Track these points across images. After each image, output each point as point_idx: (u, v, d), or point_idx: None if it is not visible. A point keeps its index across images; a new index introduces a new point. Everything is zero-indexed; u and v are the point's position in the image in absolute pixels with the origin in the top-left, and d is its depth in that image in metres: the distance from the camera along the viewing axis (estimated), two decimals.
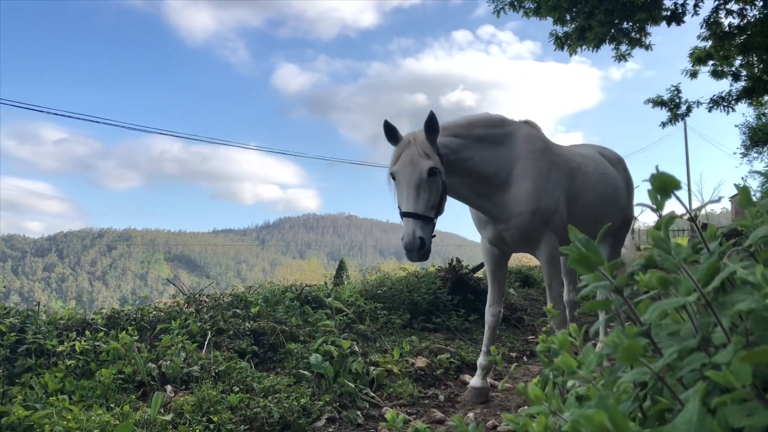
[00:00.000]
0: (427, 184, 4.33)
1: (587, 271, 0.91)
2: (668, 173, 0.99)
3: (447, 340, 7.59)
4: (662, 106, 15.87)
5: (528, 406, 2.31)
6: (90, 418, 3.73)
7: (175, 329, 5.59)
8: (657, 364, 0.79)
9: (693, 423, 0.61)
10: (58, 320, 5.58)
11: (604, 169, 5.81)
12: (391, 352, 6.39)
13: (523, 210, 4.78)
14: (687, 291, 0.89)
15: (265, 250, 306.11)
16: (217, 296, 6.96)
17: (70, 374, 4.63)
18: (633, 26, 12.65)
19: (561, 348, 1.28)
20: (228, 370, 4.92)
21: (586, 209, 5.31)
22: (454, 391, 5.82)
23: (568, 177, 5.17)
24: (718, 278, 0.82)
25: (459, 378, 6.20)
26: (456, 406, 5.40)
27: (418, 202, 4.30)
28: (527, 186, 4.81)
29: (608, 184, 5.72)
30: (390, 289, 8.74)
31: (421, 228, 4.25)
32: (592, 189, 5.43)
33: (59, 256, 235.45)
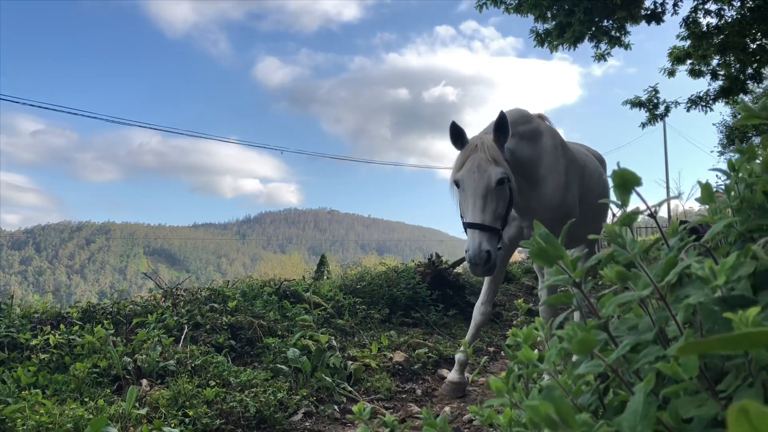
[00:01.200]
0: (495, 192, 4.08)
1: (547, 265, 0.92)
2: (629, 169, 1.01)
3: (425, 334, 7.62)
4: (640, 107, 16.02)
5: None
6: (63, 413, 3.70)
7: (151, 323, 5.56)
8: (611, 357, 0.81)
9: (639, 413, 0.63)
10: (32, 314, 5.53)
11: (598, 168, 5.87)
12: (370, 346, 6.40)
13: (549, 206, 4.70)
14: (644, 285, 0.91)
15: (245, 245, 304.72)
16: (195, 290, 6.93)
17: (44, 368, 4.58)
18: (613, 25, 12.76)
19: (525, 341, 1.30)
20: (204, 365, 4.90)
21: (587, 207, 5.28)
22: (432, 385, 5.85)
23: (579, 174, 5.16)
24: (672, 272, 0.83)
25: (437, 372, 6.23)
26: (433, 400, 5.43)
27: (485, 213, 4.04)
28: (554, 182, 4.72)
29: (602, 183, 5.77)
30: (369, 284, 8.75)
31: (487, 240, 4.00)
32: (594, 187, 5.45)
33: (36, 249, 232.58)
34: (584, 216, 5.21)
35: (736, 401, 0.73)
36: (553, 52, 13.10)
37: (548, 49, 12.92)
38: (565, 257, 0.92)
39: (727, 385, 0.77)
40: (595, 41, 13.08)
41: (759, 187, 1.10)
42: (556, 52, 13.14)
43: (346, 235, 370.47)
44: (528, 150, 4.63)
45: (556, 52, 12.97)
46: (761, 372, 0.75)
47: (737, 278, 0.74)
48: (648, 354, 0.86)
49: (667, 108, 16.31)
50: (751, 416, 0.36)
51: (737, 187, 1.12)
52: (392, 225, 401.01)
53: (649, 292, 0.82)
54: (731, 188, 1.13)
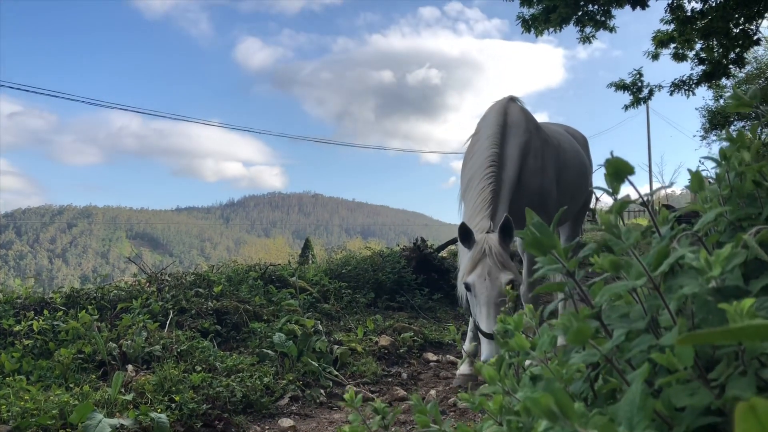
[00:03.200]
0: (508, 298, 4.18)
1: (541, 254, 0.92)
2: (622, 158, 1.01)
3: (411, 318, 7.65)
4: (624, 89, 16.06)
5: None
6: (48, 399, 3.68)
7: (136, 308, 5.54)
8: (606, 346, 0.81)
9: (635, 404, 0.63)
10: (15, 299, 5.48)
11: (576, 147, 5.88)
12: (355, 330, 6.42)
13: (525, 193, 4.79)
14: (637, 275, 0.91)
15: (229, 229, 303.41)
16: (180, 275, 6.90)
17: (28, 354, 4.55)
18: (597, 9, 12.76)
19: (516, 329, 1.30)
20: (190, 350, 4.89)
21: (565, 186, 5.33)
22: (417, 369, 5.88)
23: (555, 154, 5.20)
24: (665, 263, 0.84)
25: (422, 356, 6.27)
26: (419, 384, 5.46)
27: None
28: (528, 168, 4.83)
29: (581, 163, 5.79)
30: (355, 268, 8.76)
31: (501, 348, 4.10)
32: (571, 166, 5.48)
33: (17, 233, 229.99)
34: (563, 195, 5.24)
35: (729, 390, 0.73)
36: (539, 37, 13.09)
37: (534, 34, 12.90)
38: (557, 247, 0.92)
39: (719, 374, 0.78)
40: (580, 25, 13.08)
41: (749, 175, 1.10)
42: (542, 36, 13.13)
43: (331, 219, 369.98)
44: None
45: (541, 36, 12.96)
46: (753, 361, 0.76)
47: (731, 269, 0.74)
48: (641, 343, 0.87)
49: (651, 91, 16.37)
50: (759, 413, 0.36)
51: (727, 175, 1.12)
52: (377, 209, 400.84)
53: (643, 282, 0.83)
54: (722, 177, 1.13)
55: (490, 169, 4.64)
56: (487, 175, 4.62)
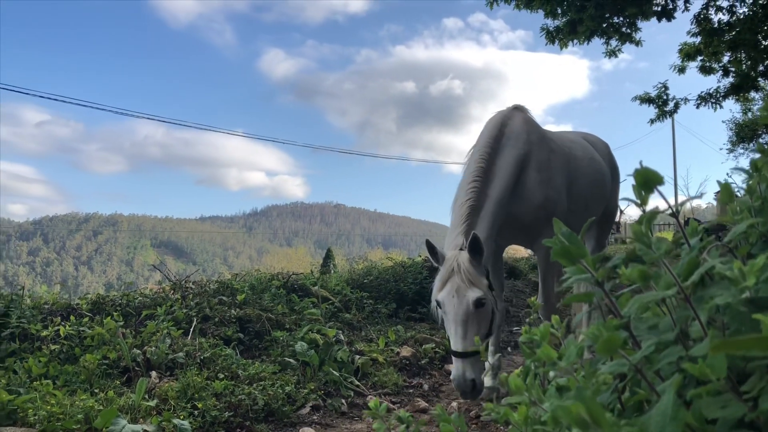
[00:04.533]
0: (475, 316, 4.05)
1: (569, 264, 0.92)
2: (651, 168, 1.01)
3: (432, 330, 7.62)
4: (650, 103, 15.95)
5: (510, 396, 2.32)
6: (74, 403, 3.73)
7: (160, 315, 5.59)
8: (635, 356, 0.81)
9: (667, 414, 0.63)
10: (42, 305, 5.56)
11: (591, 155, 5.71)
12: (377, 341, 6.41)
13: (531, 207, 4.70)
14: (666, 285, 0.90)
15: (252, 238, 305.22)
16: (204, 283, 6.95)
17: (54, 359, 4.61)
18: (623, 21, 12.70)
19: (542, 339, 1.29)
20: (213, 357, 4.92)
21: (578, 197, 5.21)
22: (439, 380, 5.86)
23: (564, 163, 5.07)
24: (696, 273, 0.83)
25: (444, 368, 6.24)
26: (440, 395, 5.44)
27: (467, 339, 4.00)
28: (532, 180, 4.73)
29: (596, 170, 5.63)
30: (377, 278, 8.75)
31: (471, 366, 3.98)
32: (583, 175, 5.33)
33: (44, 240, 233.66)
34: (575, 206, 5.11)
35: (762, 403, 0.72)
36: (563, 49, 13.06)
37: (559, 46, 12.86)
38: (587, 256, 0.92)
39: (752, 386, 0.77)
40: (605, 37, 13.02)
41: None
42: (566, 48, 13.09)
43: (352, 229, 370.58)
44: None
45: (566, 48, 12.93)
46: None
47: (765, 279, 0.74)
48: (670, 354, 0.86)
49: (677, 104, 16.25)
50: None
51: (759, 187, 1.11)
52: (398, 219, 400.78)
53: (673, 292, 0.82)
54: (753, 188, 1.12)
55: (472, 184, 4.53)
56: (468, 190, 4.52)
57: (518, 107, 5.21)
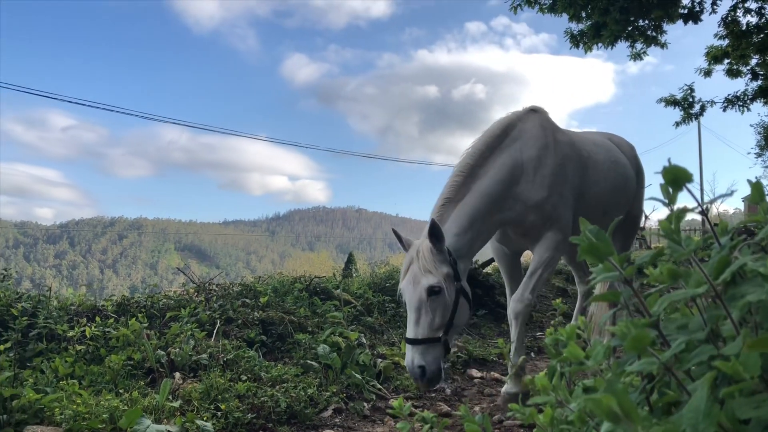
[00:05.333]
0: (428, 304, 3.98)
1: (597, 262, 0.91)
2: (680, 166, 0.99)
3: None
4: (675, 105, 15.77)
5: None
6: (99, 403, 3.77)
7: (184, 317, 5.63)
8: (665, 355, 0.79)
9: (701, 411, 0.61)
10: (68, 306, 5.64)
11: (615, 158, 5.55)
12: (399, 344, 6.40)
13: (528, 205, 4.56)
14: (697, 283, 0.89)
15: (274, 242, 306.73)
16: (227, 286, 7.00)
17: (80, 359, 4.67)
18: (649, 24, 12.56)
19: (569, 339, 1.28)
20: (236, 359, 4.95)
21: (595, 201, 5.08)
22: (461, 385, 5.83)
23: (579, 167, 4.92)
24: (728, 270, 0.81)
25: (466, 372, 6.21)
26: (462, 400, 5.41)
27: (419, 326, 3.97)
28: (528, 181, 4.59)
29: (619, 174, 5.47)
30: (399, 282, 8.74)
31: (421, 354, 3.92)
32: (604, 180, 5.18)
33: (71, 243, 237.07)
34: (591, 211, 4.97)
35: None
36: (588, 53, 12.95)
37: (583, 49, 12.76)
38: (614, 254, 0.91)
39: None
40: (630, 41, 12.89)
41: None
42: (591, 52, 12.99)
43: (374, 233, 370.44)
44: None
45: (590, 52, 12.82)
46: None
47: None
48: (701, 353, 0.85)
49: (703, 107, 16.05)
50: None
51: None
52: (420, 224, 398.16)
53: (704, 290, 0.81)
54: None
55: (454, 179, 4.47)
56: (448, 185, 4.46)
57: (535, 108, 5.07)
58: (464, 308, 4.19)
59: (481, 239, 4.46)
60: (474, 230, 4.32)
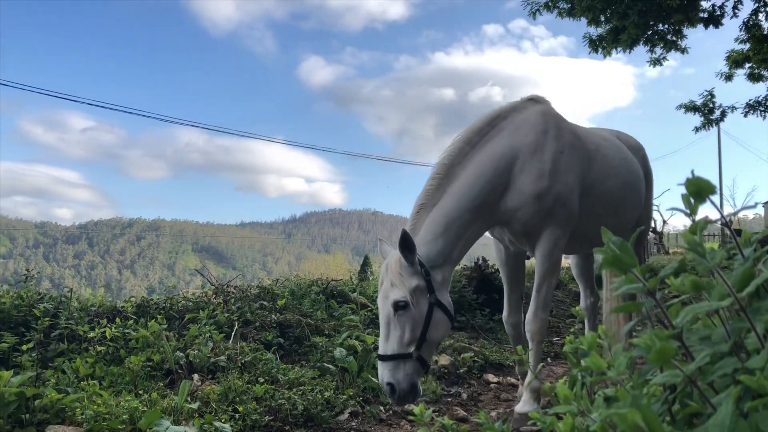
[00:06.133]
0: (397, 319, 3.81)
1: (621, 273, 0.91)
2: (704, 178, 1.00)
3: (471, 338, 7.59)
4: (695, 111, 15.65)
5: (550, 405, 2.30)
6: (119, 404, 3.81)
7: (203, 319, 5.68)
8: (689, 367, 0.80)
9: (726, 426, 0.62)
10: (89, 307, 5.70)
11: (624, 155, 5.26)
12: None
13: (528, 199, 4.26)
14: (720, 296, 0.89)
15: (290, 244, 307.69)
16: (245, 288, 7.05)
17: (101, 360, 4.73)
18: (668, 28, 12.48)
19: (590, 349, 1.29)
20: (254, 361, 4.98)
21: (605, 199, 4.79)
22: (477, 390, 5.82)
23: (585, 160, 4.62)
24: (753, 283, 0.82)
25: (482, 377, 6.20)
26: (479, 405, 5.40)
27: (389, 342, 3.82)
28: (532, 172, 4.30)
29: (630, 171, 5.18)
30: None
31: (391, 371, 3.77)
32: (614, 175, 4.89)
33: (89, 244, 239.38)
34: (600, 208, 4.74)
35: None
36: (606, 57, 12.88)
37: (602, 54, 12.71)
38: (638, 265, 0.91)
39: None
40: (649, 45, 12.81)
41: None
42: (609, 56, 12.92)
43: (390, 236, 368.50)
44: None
45: (609, 56, 12.76)
46: None
47: None
48: (725, 366, 0.85)
49: (723, 113, 15.91)
50: None
51: None
52: None
53: (728, 303, 0.81)
54: None
55: (429, 182, 4.24)
56: (424, 190, 4.24)
57: (535, 98, 4.79)
58: (440, 323, 3.94)
59: (462, 244, 4.17)
60: (449, 235, 4.06)
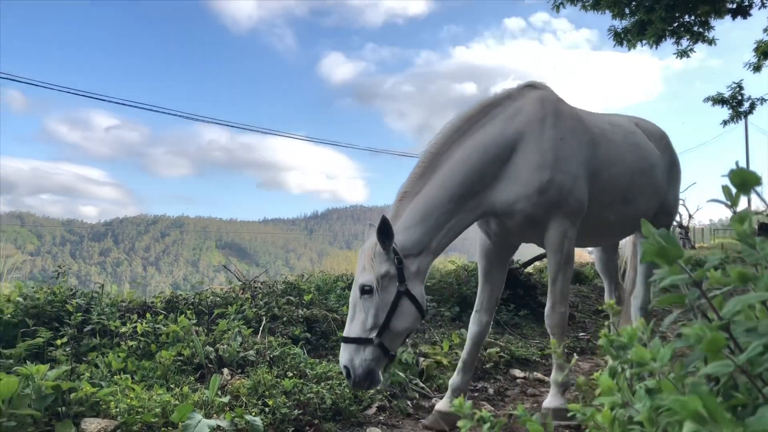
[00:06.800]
0: (361, 303, 3.85)
1: (666, 265, 0.92)
2: (747, 169, 0.99)
3: (496, 334, 7.57)
4: (723, 104, 15.41)
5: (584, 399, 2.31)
6: (151, 398, 3.87)
7: (231, 314, 5.74)
8: (741, 357, 0.80)
9: None
10: (119, 302, 5.79)
11: (637, 140, 5.02)
12: (441, 344, 6.41)
13: (528, 191, 4.12)
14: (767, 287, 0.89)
15: (312, 240, 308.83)
16: (271, 283, 7.12)
17: (132, 354, 4.80)
18: (695, 20, 12.30)
19: (630, 341, 1.29)
20: (282, 356, 5.02)
21: (612, 186, 4.61)
22: (504, 385, 5.82)
23: (589, 145, 4.45)
24: None
25: (508, 372, 6.20)
26: (505, 400, 5.40)
27: (352, 324, 3.85)
28: (529, 162, 4.15)
29: (641, 158, 4.93)
30: (439, 281, 8.76)
31: (349, 354, 3.78)
32: (620, 161, 4.69)
33: (115, 241, 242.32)
34: (608, 195, 4.58)
35: None
36: (631, 50, 12.74)
37: (627, 47, 12.56)
38: (684, 256, 0.91)
39: None
40: (676, 37, 12.64)
41: None
42: (634, 49, 12.78)
43: None
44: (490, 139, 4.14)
45: (634, 48, 12.62)
46: None
47: None
48: None
49: (752, 105, 15.66)
50: None
51: None
52: None
53: None
54: None
55: (414, 170, 4.16)
56: (408, 177, 4.16)
57: (533, 84, 4.60)
58: (406, 312, 3.88)
59: (443, 234, 4.09)
60: (428, 225, 3.97)
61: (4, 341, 4.68)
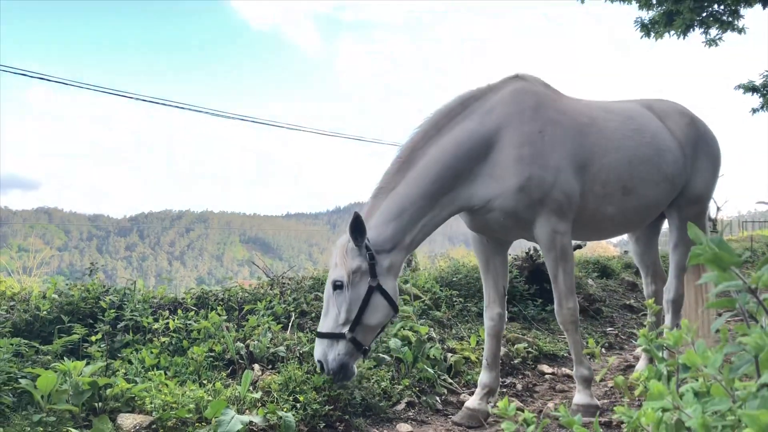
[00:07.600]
0: (335, 298, 3.97)
1: (720, 271, 0.92)
2: None
3: (524, 329, 7.55)
4: (754, 92, 15.15)
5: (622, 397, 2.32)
6: (185, 393, 3.93)
7: (260, 310, 5.79)
8: None
9: None
10: (151, 298, 5.87)
11: (638, 125, 4.72)
12: (468, 339, 6.41)
13: (508, 190, 4.07)
14: None
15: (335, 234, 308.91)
16: (300, 279, 7.16)
17: (165, 350, 4.87)
18: (724, 8, 12.11)
19: (675, 344, 1.28)
20: (311, 351, 5.05)
21: (607, 176, 4.41)
22: (532, 380, 5.81)
23: (576, 134, 4.30)
24: None
25: (536, 368, 6.18)
26: (534, 396, 5.39)
27: (325, 320, 4.03)
28: (507, 157, 4.09)
29: (643, 144, 4.63)
30: (465, 276, 8.74)
31: (323, 349, 3.97)
32: (615, 149, 4.45)
33: (140, 236, 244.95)
34: (602, 186, 4.40)
35: None
36: (658, 40, 12.57)
37: (654, 38, 12.40)
38: (740, 263, 0.91)
39: None
40: (704, 27, 12.45)
41: None
42: (661, 39, 12.60)
43: None
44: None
45: (661, 39, 12.44)
46: None
47: None
48: None
49: None
50: None
51: None
52: None
53: None
54: None
55: (389, 166, 4.17)
56: (384, 173, 4.17)
57: (519, 76, 4.48)
58: (378, 307, 3.98)
59: (417, 230, 4.10)
60: (401, 221, 3.99)
61: (42, 337, 4.78)
